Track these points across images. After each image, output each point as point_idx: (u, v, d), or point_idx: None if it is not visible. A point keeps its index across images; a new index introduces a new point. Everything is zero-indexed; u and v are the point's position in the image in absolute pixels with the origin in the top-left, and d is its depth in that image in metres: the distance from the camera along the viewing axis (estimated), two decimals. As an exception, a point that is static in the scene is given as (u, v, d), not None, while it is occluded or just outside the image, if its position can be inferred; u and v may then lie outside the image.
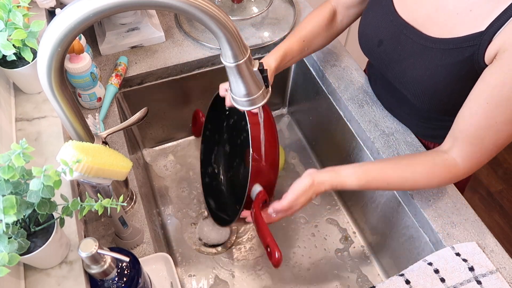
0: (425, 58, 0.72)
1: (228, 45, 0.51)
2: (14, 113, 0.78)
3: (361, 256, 1.00)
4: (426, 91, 0.73)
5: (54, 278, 0.60)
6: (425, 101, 0.75)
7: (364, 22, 0.83)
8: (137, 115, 0.77)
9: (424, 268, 0.71)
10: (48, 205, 0.52)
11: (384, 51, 0.79)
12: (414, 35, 0.73)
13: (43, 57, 0.50)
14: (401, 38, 0.75)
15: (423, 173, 0.72)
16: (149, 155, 1.15)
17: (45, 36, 0.49)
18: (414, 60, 0.73)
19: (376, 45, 0.80)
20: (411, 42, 0.74)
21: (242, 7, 1.11)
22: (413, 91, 0.76)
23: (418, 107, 0.80)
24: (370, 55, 0.84)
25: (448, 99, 0.72)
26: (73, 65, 0.82)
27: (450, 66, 0.69)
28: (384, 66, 0.81)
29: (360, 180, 0.72)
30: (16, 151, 0.47)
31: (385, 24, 0.78)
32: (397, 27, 0.76)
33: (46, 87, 0.53)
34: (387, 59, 0.79)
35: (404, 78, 0.76)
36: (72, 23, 0.47)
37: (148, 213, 0.85)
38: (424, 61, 0.72)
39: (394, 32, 0.76)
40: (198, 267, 0.96)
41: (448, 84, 0.70)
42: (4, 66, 0.74)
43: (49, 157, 0.72)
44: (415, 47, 0.73)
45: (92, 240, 0.52)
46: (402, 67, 0.76)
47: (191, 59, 1.02)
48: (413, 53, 0.73)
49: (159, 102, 1.08)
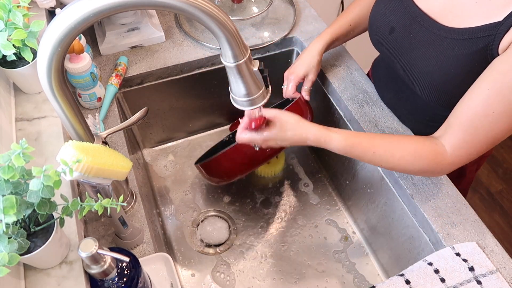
0: (437, 48, 0.70)
1: (228, 45, 0.52)
2: (14, 113, 0.78)
3: (361, 256, 0.99)
4: (434, 83, 0.72)
5: (54, 278, 0.60)
6: (433, 93, 0.74)
7: (376, 9, 0.82)
8: (137, 115, 0.77)
9: (424, 268, 0.71)
10: (48, 205, 0.52)
11: (395, 39, 0.78)
12: (428, 23, 0.72)
13: (43, 57, 0.50)
14: (413, 26, 0.74)
15: (410, 151, 0.70)
16: (149, 155, 1.15)
17: (45, 36, 0.49)
18: (426, 50, 0.72)
19: (388, 32, 0.79)
20: (424, 30, 0.72)
21: (242, 7, 1.11)
22: (421, 83, 0.74)
23: (424, 103, 0.79)
24: (380, 44, 0.83)
25: (457, 92, 0.70)
26: (73, 65, 0.82)
27: (462, 57, 0.67)
28: (394, 56, 0.80)
29: (346, 140, 0.71)
30: (16, 151, 0.47)
31: (398, 11, 0.77)
32: (411, 14, 0.75)
33: (46, 87, 0.53)
34: (398, 47, 0.78)
35: (414, 69, 0.75)
36: (72, 23, 0.47)
37: (148, 213, 0.85)
38: (435, 51, 0.71)
39: (407, 20, 0.75)
40: (198, 267, 0.96)
41: (458, 76, 0.69)
42: (4, 66, 0.74)
43: (49, 157, 0.72)
44: (427, 36, 0.72)
45: (92, 240, 0.52)
46: (412, 57, 0.75)
47: (191, 59, 1.02)
48: (425, 43, 0.72)
49: (159, 102, 1.08)
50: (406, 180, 0.82)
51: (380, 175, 0.88)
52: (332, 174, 1.11)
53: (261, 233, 1.02)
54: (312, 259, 0.98)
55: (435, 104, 0.76)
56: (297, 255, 0.99)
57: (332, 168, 1.11)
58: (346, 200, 1.07)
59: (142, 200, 0.80)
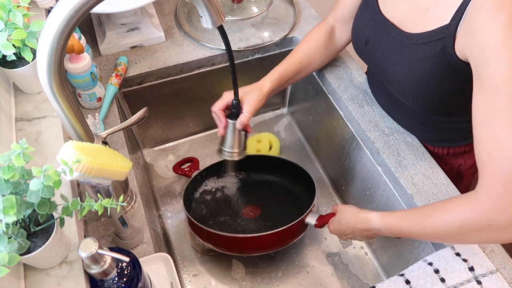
0: (403, 54, 0.73)
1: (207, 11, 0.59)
2: (14, 113, 0.78)
3: (361, 256, 0.99)
4: (408, 88, 0.74)
5: (54, 278, 0.60)
6: (412, 100, 0.76)
7: (355, 23, 0.86)
8: (137, 115, 0.77)
9: (424, 268, 0.71)
10: (48, 205, 0.52)
11: (370, 51, 0.81)
12: (394, 32, 0.75)
13: (42, 55, 0.50)
14: (383, 36, 0.77)
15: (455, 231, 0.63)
16: (149, 155, 1.15)
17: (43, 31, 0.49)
18: (394, 57, 0.75)
19: (364, 44, 0.82)
20: (392, 39, 0.75)
21: (242, 7, 1.11)
22: (398, 89, 0.77)
23: (412, 109, 0.81)
24: (361, 55, 0.86)
25: (430, 96, 0.73)
26: (73, 65, 0.82)
27: (424, 60, 0.70)
28: (372, 65, 0.83)
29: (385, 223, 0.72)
30: (16, 151, 0.47)
31: (370, 23, 0.80)
32: (380, 26, 0.78)
33: (46, 87, 0.53)
34: (374, 58, 0.81)
35: (387, 76, 0.78)
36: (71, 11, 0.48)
37: (148, 213, 0.85)
38: (402, 58, 0.73)
39: (378, 31, 0.78)
40: (198, 267, 0.96)
41: (425, 80, 0.71)
42: (4, 66, 0.74)
43: (49, 157, 0.72)
44: (394, 44, 0.75)
45: (92, 240, 0.52)
46: (384, 65, 0.78)
47: (191, 59, 1.02)
48: (393, 50, 0.75)
49: (159, 102, 1.08)
50: (406, 180, 0.82)
51: (380, 176, 0.88)
52: (332, 174, 1.11)
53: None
54: (313, 259, 0.98)
55: (417, 108, 0.78)
56: (297, 255, 0.98)
57: (332, 168, 1.11)
58: (346, 200, 1.07)
59: (142, 200, 0.80)
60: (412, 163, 0.84)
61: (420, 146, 0.87)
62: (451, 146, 0.87)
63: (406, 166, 0.84)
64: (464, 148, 0.87)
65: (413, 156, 0.85)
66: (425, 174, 0.82)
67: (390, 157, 0.85)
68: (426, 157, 0.85)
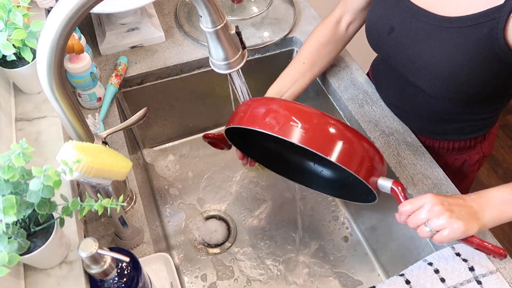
0: (441, 39, 0.71)
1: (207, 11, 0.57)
2: (14, 113, 0.78)
3: (360, 256, 0.99)
4: (441, 74, 0.72)
5: (54, 278, 0.60)
6: (439, 85, 0.73)
7: (372, 13, 0.83)
8: (137, 115, 0.77)
9: (424, 268, 0.71)
10: (48, 205, 0.52)
11: (395, 38, 0.78)
12: (427, 17, 0.72)
13: (42, 55, 0.50)
14: (413, 23, 0.74)
15: None
16: (149, 155, 1.15)
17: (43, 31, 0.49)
18: (429, 42, 0.72)
19: (387, 32, 0.79)
20: (425, 24, 0.73)
21: (242, 7, 1.11)
22: (427, 75, 0.74)
23: (428, 98, 0.79)
24: (379, 46, 0.83)
25: (464, 81, 0.70)
26: (73, 65, 0.82)
27: (466, 44, 0.67)
28: (395, 55, 0.80)
29: None
30: (16, 151, 0.47)
31: (395, 11, 0.77)
32: (408, 12, 0.75)
33: (46, 87, 0.53)
34: (399, 46, 0.78)
35: (418, 63, 0.75)
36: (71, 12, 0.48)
37: (148, 213, 0.85)
38: (439, 42, 0.71)
39: (406, 18, 0.75)
40: (198, 267, 0.96)
41: (465, 65, 0.69)
42: (4, 66, 0.74)
43: (49, 157, 0.72)
44: (429, 30, 0.72)
45: (92, 240, 0.52)
46: (415, 51, 0.75)
47: (191, 59, 1.02)
48: (428, 36, 0.72)
49: (159, 102, 1.08)
50: (406, 180, 0.82)
51: (380, 175, 0.88)
52: (332, 174, 1.11)
53: (261, 233, 1.02)
54: (313, 259, 0.98)
55: (441, 96, 0.76)
56: (297, 256, 0.98)
57: (332, 168, 1.11)
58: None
59: (142, 200, 0.80)
60: (412, 163, 0.84)
61: (420, 146, 0.87)
62: (457, 139, 0.87)
63: (406, 166, 0.84)
64: (470, 142, 0.87)
65: (413, 156, 0.85)
66: (425, 174, 0.83)
67: (390, 157, 0.85)
68: (426, 157, 0.85)
